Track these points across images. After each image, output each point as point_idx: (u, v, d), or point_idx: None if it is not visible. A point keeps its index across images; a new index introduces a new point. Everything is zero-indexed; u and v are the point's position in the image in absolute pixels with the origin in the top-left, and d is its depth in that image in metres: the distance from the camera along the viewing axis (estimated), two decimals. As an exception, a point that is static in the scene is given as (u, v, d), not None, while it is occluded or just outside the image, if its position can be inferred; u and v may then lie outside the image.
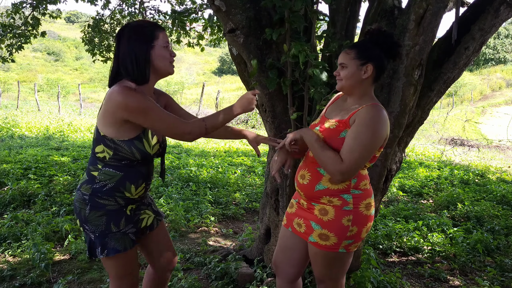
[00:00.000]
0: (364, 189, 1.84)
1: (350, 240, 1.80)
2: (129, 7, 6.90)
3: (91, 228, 1.70)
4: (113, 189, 1.69)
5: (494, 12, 2.50)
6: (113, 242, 1.70)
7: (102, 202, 1.69)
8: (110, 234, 1.70)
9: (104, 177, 1.69)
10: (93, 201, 1.69)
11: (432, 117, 15.58)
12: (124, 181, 1.70)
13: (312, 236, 1.84)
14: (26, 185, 4.75)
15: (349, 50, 1.81)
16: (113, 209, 1.71)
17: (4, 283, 2.79)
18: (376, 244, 3.77)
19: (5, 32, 5.98)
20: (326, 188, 1.80)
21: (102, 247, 1.70)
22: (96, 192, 1.69)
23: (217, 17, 2.71)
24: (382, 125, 1.73)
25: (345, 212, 1.78)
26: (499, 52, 37.98)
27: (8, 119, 11.96)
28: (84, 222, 1.71)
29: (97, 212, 1.69)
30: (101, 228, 1.69)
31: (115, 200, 1.71)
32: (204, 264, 3.13)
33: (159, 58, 1.70)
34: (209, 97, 21.82)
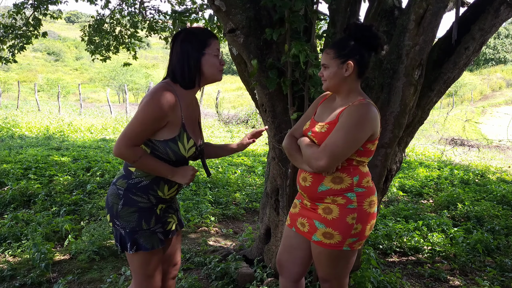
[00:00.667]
0: (367, 186, 1.84)
1: (354, 238, 1.81)
2: (129, 7, 6.90)
3: (122, 223, 1.73)
4: (147, 187, 1.73)
5: (494, 12, 2.49)
6: (142, 239, 1.73)
7: (135, 199, 1.72)
8: (140, 232, 1.72)
9: (141, 173, 1.73)
10: (126, 196, 1.72)
11: (432, 117, 15.58)
12: (159, 180, 1.74)
13: (315, 235, 1.84)
14: (26, 185, 4.75)
15: (329, 50, 1.82)
16: (145, 207, 1.74)
17: (4, 283, 2.79)
18: (376, 244, 3.77)
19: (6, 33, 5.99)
20: (330, 189, 1.80)
21: (132, 243, 1.73)
22: (131, 187, 1.72)
23: (217, 17, 2.71)
24: (367, 120, 1.73)
25: (350, 210, 1.79)
26: (499, 52, 37.98)
27: (8, 119, 11.97)
28: (115, 217, 1.74)
29: (130, 208, 1.72)
30: (132, 225, 1.72)
31: (148, 198, 1.74)
32: (204, 264, 3.13)
33: (208, 65, 1.74)
34: (209, 97, 21.83)
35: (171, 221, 1.89)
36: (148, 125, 1.65)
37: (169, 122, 1.68)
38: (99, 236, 3.39)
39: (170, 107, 1.65)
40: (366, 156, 1.83)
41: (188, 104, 1.78)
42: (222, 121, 14.91)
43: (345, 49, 1.78)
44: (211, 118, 15.59)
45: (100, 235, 3.41)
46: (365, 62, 1.81)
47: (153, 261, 1.79)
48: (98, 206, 4.27)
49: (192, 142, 1.75)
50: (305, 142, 1.86)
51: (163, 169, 1.72)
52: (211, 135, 11.71)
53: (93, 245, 3.26)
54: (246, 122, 14.85)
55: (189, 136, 1.74)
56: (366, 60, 1.81)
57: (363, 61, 1.80)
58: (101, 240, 3.36)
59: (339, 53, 1.78)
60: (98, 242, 3.31)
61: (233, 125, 14.41)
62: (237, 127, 13.91)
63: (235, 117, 15.30)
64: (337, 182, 1.79)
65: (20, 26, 6.12)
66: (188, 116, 1.76)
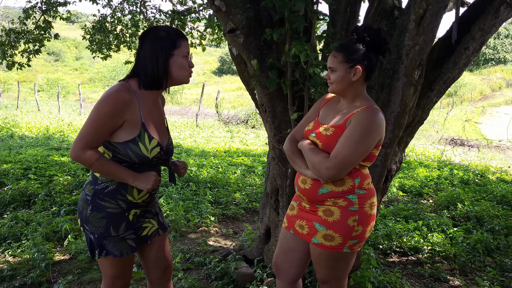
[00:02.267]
0: (368, 188, 1.83)
1: (355, 240, 1.80)
2: (130, 5, 6.90)
3: (90, 228, 1.70)
4: (114, 191, 1.69)
5: (494, 12, 2.49)
6: (111, 245, 1.70)
7: (103, 204, 1.68)
8: (108, 238, 1.70)
9: (106, 178, 1.69)
10: (94, 202, 1.69)
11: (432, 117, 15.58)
12: (125, 183, 1.69)
13: (316, 238, 1.82)
14: (26, 185, 4.75)
15: (337, 53, 1.78)
16: (114, 212, 1.70)
17: (4, 283, 2.79)
18: (376, 244, 3.77)
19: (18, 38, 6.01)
20: (331, 191, 1.78)
21: (100, 248, 1.71)
22: (98, 193, 1.69)
23: (217, 17, 2.71)
24: (376, 128, 1.72)
25: (351, 212, 1.77)
26: (499, 52, 37.97)
27: (8, 119, 11.96)
28: (84, 222, 1.71)
29: (98, 213, 1.68)
30: (100, 230, 1.69)
31: (117, 203, 1.70)
32: (204, 264, 3.13)
33: (177, 67, 1.70)
34: (209, 97, 21.82)
35: (148, 226, 1.85)
36: (102, 124, 1.59)
37: (126, 121, 1.63)
38: (99, 236, 3.39)
39: (124, 104, 1.61)
40: (370, 160, 1.83)
41: (150, 104, 1.72)
42: (222, 121, 14.91)
43: (354, 53, 1.75)
44: (211, 118, 15.58)
45: (100, 235, 3.40)
46: (372, 67, 1.79)
47: (122, 266, 1.77)
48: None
49: (155, 142, 1.69)
50: (308, 146, 1.83)
51: (122, 173, 1.66)
52: (211, 135, 11.71)
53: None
54: (246, 122, 14.84)
55: (151, 136, 1.68)
56: (373, 64, 1.79)
57: (371, 65, 1.78)
58: (101, 240, 3.36)
59: (347, 57, 1.75)
60: (98, 242, 3.31)
61: (233, 125, 14.41)
62: (237, 127, 13.90)
63: (235, 117, 15.30)
64: (339, 184, 1.78)
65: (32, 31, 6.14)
66: (149, 116, 1.71)
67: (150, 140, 1.68)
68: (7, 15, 21.81)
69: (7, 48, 6.01)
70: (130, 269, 1.84)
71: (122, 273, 1.80)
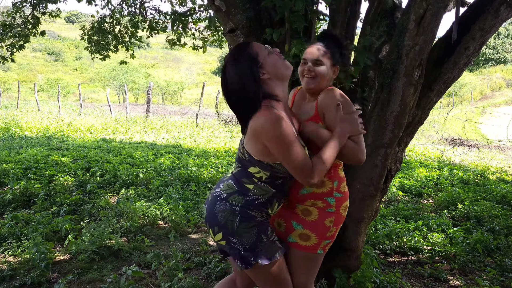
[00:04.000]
0: (344, 191, 1.88)
1: (328, 241, 1.84)
2: (129, 7, 6.90)
3: (240, 240, 1.68)
4: (262, 204, 1.72)
5: (494, 12, 2.49)
6: (264, 251, 1.71)
7: (253, 214, 1.70)
8: (261, 245, 1.70)
9: (259, 191, 1.71)
10: (244, 212, 1.68)
11: (432, 117, 15.58)
12: (273, 198, 1.74)
13: (291, 237, 1.84)
14: (26, 185, 4.75)
15: (323, 48, 1.83)
16: (262, 221, 1.73)
17: (4, 283, 2.79)
18: (376, 244, 3.77)
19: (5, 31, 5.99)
20: (311, 192, 1.83)
21: (254, 257, 1.69)
22: (248, 204, 1.70)
23: (217, 17, 2.72)
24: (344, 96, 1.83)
25: (328, 214, 1.82)
26: (499, 52, 37.98)
27: (8, 119, 11.96)
28: (231, 235, 1.69)
29: (249, 223, 1.68)
30: (252, 240, 1.69)
31: (262, 214, 1.74)
32: (204, 264, 3.13)
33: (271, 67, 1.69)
34: (209, 97, 21.83)
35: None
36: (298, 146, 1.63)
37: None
38: (99, 236, 3.39)
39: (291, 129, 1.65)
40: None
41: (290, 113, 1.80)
42: (222, 121, 14.91)
43: (336, 53, 1.86)
44: (211, 118, 15.59)
45: (100, 235, 3.40)
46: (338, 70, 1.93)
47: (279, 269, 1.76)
48: (98, 206, 4.27)
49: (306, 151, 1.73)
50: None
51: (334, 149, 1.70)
52: (211, 135, 11.72)
53: (93, 245, 3.25)
54: (246, 122, 14.82)
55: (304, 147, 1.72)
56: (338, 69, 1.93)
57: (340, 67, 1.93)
58: (101, 240, 3.36)
59: (333, 55, 1.84)
60: (98, 242, 3.31)
61: (233, 125, 14.41)
62: (237, 127, 13.90)
63: (235, 117, 15.26)
64: (319, 186, 1.82)
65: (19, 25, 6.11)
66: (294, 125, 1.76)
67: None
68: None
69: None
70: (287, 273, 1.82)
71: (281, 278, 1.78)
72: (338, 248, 2.55)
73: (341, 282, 2.57)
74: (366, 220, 2.60)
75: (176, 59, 42.57)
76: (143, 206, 4.27)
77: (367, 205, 2.54)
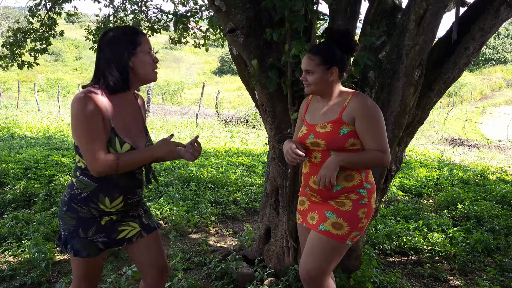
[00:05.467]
0: (372, 182, 1.94)
1: (357, 232, 1.89)
2: (132, 5, 6.89)
3: (63, 225, 1.74)
4: (87, 199, 1.68)
5: (494, 12, 2.49)
6: (79, 245, 1.71)
7: (76, 208, 1.70)
8: (77, 238, 1.71)
9: (80, 185, 1.69)
10: (69, 204, 1.71)
11: (432, 117, 15.57)
12: (97, 192, 1.68)
13: (323, 225, 1.88)
14: (26, 185, 4.75)
15: (313, 56, 1.88)
16: (85, 217, 1.71)
17: (4, 283, 2.79)
18: (376, 244, 3.77)
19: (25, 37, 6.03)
20: (343, 187, 1.88)
21: (71, 246, 1.73)
22: (73, 198, 1.70)
23: (217, 17, 2.72)
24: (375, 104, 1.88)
25: (362, 205, 1.88)
26: (499, 52, 37.97)
27: (8, 119, 11.96)
28: (59, 218, 1.76)
29: (71, 214, 1.71)
30: (70, 229, 1.71)
31: (89, 210, 1.69)
32: (204, 264, 3.13)
33: (141, 65, 1.67)
34: (209, 97, 21.82)
35: (126, 229, 1.80)
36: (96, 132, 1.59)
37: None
38: (99, 236, 3.39)
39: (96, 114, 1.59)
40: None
41: (121, 107, 1.70)
42: (222, 121, 14.90)
43: (329, 55, 1.87)
44: (211, 118, 15.58)
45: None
46: (345, 65, 1.93)
47: (90, 267, 1.77)
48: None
49: (128, 146, 1.67)
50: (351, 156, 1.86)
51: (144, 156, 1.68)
52: (211, 135, 11.71)
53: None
54: (246, 122, 14.84)
55: (122, 140, 1.66)
56: (346, 63, 1.93)
57: (344, 64, 1.92)
58: (101, 240, 3.36)
59: (324, 60, 1.86)
60: (98, 242, 3.30)
61: (233, 125, 14.40)
62: (237, 127, 13.90)
63: (235, 117, 15.29)
64: (349, 179, 1.88)
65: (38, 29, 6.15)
66: (121, 119, 1.69)
67: (122, 145, 1.66)
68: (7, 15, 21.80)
69: (15, 48, 6.04)
70: (97, 273, 1.84)
71: (88, 276, 1.80)
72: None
73: (341, 282, 2.58)
74: (366, 220, 2.60)
75: (176, 59, 42.54)
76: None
77: (367, 205, 2.54)
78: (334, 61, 1.87)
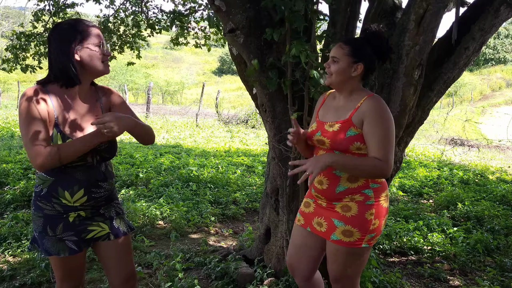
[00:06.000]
0: (381, 181, 1.86)
1: (372, 234, 1.83)
2: (132, 5, 6.89)
3: (33, 225, 1.74)
4: (48, 194, 1.67)
5: (494, 12, 2.50)
6: (49, 244, 1.71)
7: (41, 206, 1.69)
8: (46, 237, 1.71)
9: (39, 181, 1.70)
10: (35, 203, 1.71)
11: (432, 117, 15.57)
12: (55, 186, 1.66)
13: (335, 234, 1.84)
14: (26, 185, 4.75)
15: (344, 45, 1.82)
16: (51, 214, 1.70)
17: (4, 283, 2.79)
18: (376, 244, 3.77)
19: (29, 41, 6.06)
20: (347, 188, 1.82)
21: (41, 245, 1.73)
22: (37, 195, 1.70)
23: (217, 17, 2.72)
24: (389, 110, 1.80)
25: (368, 206, 1.81)
26: (499, 52, 37.99)
27: (8, 119, 11.96)
28: (32, 220, 1.75)
29: (38, 213, 1.71)
30: (39, 229, 1.71)
31: (53, 206, 1.68)
32: (204, 264, 3.13)
33: (89, 58, 1.64)
34: (209, 97, 21.83)
35: (95, 230, 1.77)
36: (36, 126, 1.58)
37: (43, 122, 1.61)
38: (99, 236, 3.39)
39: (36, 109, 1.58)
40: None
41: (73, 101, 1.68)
42: (222, 121, 14.91)
43: (360, 50, 1.81)
44: (211, 118, 15.59)
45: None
46: (372, 69, 1.86)
47: (66, 267, 1.76)
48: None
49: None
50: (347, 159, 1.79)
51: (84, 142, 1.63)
52: (211, 135, 11.71)
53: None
54: (246, 122, 14.84)
55: (65, 136, 1.64)
56: (374, 67, 1.86)
57: (371, 67, 1.85)
58: (101, 240, 3.36)
59: (354, 52, 1.80)
60: (98, 242, 3.31)
61: (233, 125, 14.40)
62: (237, 127, 13.90)
63: (235, 117, 15.30)
64: (353, 180, 1.81)
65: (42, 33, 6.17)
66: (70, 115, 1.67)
67: (65, 140, 1.64)
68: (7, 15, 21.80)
69: (19, 51, 6.06)
70: (76, 272, 1.81)
71: (67, 275, 1.78)
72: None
73: (341, 282, 2.57)
74: (366, 220, 2.60)
75: (176, 59, 42.54)
76: (143, 206, 4.27)
77: (367, 205, 2.54)
78: (363, 57, 1.80)
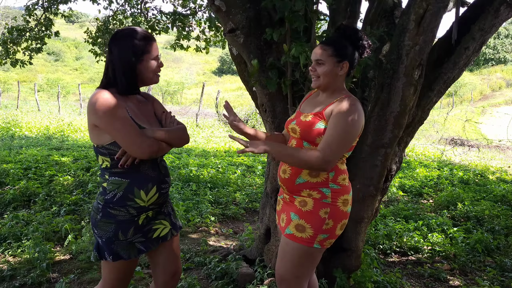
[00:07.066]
0: (342, 184, 1.86)
1: (325, 235, 1.82)
2: (131, 7, 6.89)
3: (99, 232, 1.73)
4: (123, 198, 1.70)
5: (494, 12, 2.49)
6: (119, 248, 1.72)
7: (114, 213, 1.70)
8: (116, 241, 1.71)
9: (112, 186, 1.70)
10: (105, 211, 1.71)
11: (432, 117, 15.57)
12: (131, 188, 1.70)
13: (289, 228, 1.85)
14: (26, 185, 4.75)
15: (326, 46, 1.83)
16: (124, 219, 1.71)
17: (4, 283, 2.79)
18: (376, 244, 3.77)
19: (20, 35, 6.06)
20: (306, 182, 1.84)
21: (109, 252, 1.72)
22: (108, 203, 1.70)
23: (217, 17, 2.72)
24: (357, 115, 1.77)
25: (323, 204, 1.82)
26: (499, 52, 37.97)
27: (8, 119, 11.96)
28: (94, 226, 1.75)
29: (108, 220, 1.70)
30: (108, 235, 1.71)
31: (127, 210, 1.70)
32: (204, 264, 3.13)
33: (147, 70, 1.72)
34: (209, 97, 21.82)
35: (159, 228, 1.83)
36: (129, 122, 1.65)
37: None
38: (99, 236, 3.39)
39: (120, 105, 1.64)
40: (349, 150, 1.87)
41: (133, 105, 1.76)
42: (222, 121, 14.90)
43: (343, 49, 1.82)
44: (211, 118, 15.58)
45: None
46: (354, 64, 1.89)
47: (125, 269, 1.79)
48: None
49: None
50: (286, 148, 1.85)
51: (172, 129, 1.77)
52: (211, 135, 11.71)
53: (93, 245, 3.25)
54: (246, 122, 14.81)
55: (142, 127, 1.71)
56: (355, 62, 1.88)
57: (354, 62, 1.88)
58: (101, 240, 3.36)
59: (337, 52, 1.82)
60: (98, 242, 3.31)
61: (233, 125, 14.38)
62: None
63: (235, 117, 15.26)
64: (314, 175, 1.83)
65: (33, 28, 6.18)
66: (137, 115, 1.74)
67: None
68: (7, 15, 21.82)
69: (10, 46, 6.06)
70: (131, 274, 1.86)
71: (124, 277, 1.81)
72: (338, 248, 2.55)
73: (341, 282, 2.57)
74: (366, 220, 2.60)
75: (176, 59, 42.55)
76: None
77: (367, 205, 2.54)
78: (346, 55, 1.82)
